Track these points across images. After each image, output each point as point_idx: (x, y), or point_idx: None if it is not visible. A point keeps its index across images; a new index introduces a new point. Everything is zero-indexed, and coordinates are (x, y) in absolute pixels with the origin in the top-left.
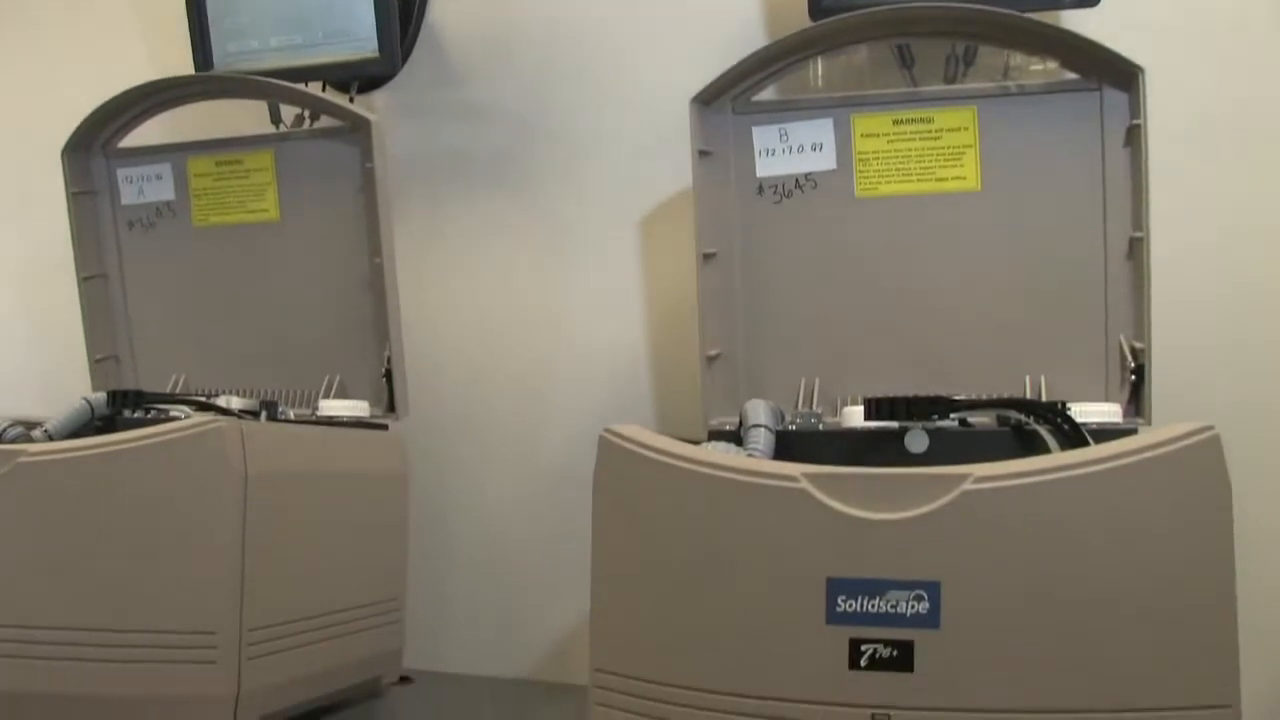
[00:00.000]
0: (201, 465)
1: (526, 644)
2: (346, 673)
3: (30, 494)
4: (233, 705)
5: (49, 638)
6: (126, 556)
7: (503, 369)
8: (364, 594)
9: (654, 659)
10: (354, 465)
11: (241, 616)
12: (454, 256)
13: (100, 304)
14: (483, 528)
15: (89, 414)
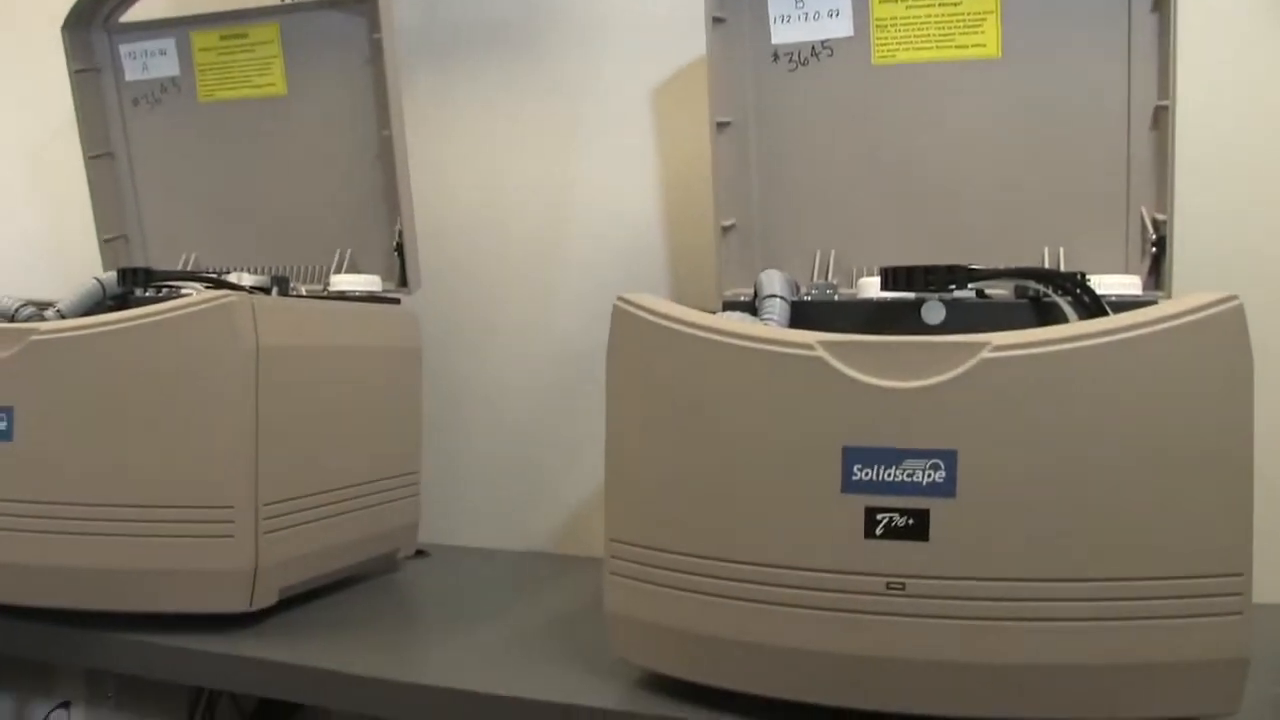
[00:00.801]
0: (213, 340)
1: (541, 517)
2: (363, 546)
3: (43, 372)
4: (250, 579)
5: (67, 513)
6: (141, 432)
7: (514, 241)
8: (379, 468)
9: (668, 529)
10: (367, 340)
11: (257, 491)
12: (464, 128)
13: (108, 183)
14: (496, 401)
15: (100, 293)
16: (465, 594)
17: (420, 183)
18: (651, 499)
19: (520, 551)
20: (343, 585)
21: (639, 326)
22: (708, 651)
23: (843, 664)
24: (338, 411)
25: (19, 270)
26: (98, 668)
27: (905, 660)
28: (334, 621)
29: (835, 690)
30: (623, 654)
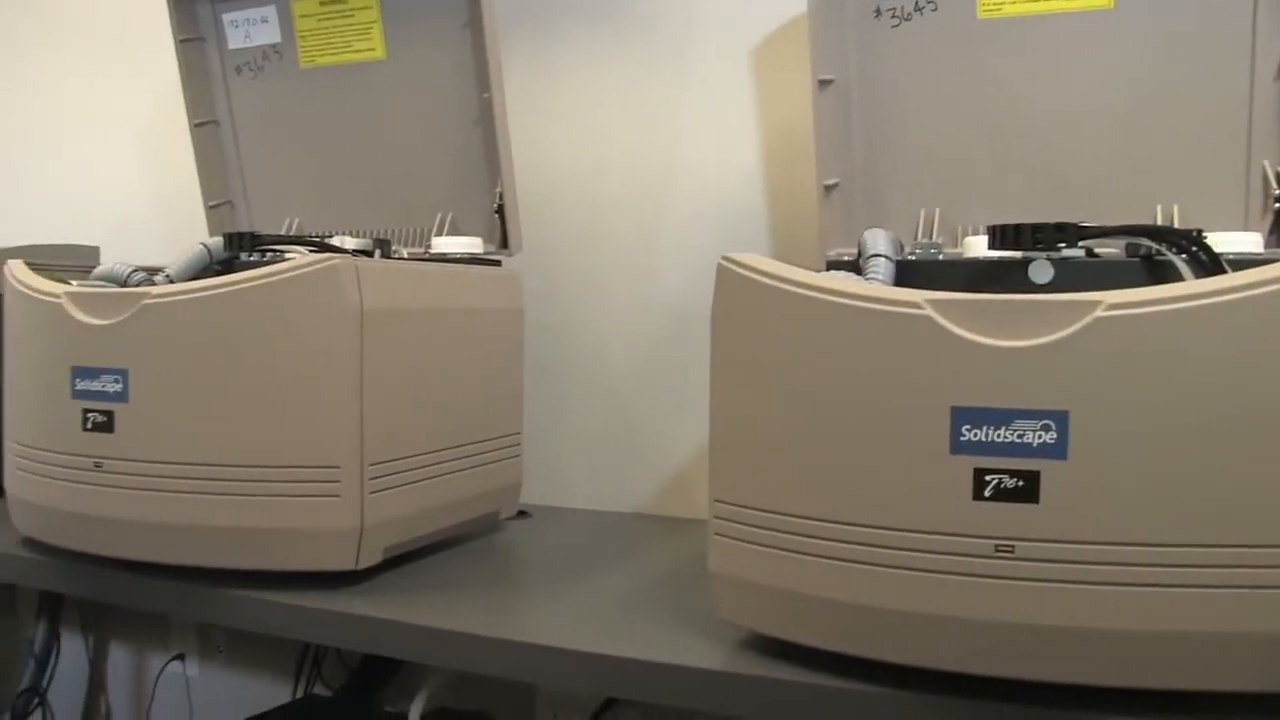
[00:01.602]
0: (318, 302)
1: (643, 478)
2: (466, 507)
3: (156, 335)
4: (356, 538)
5: (179, 472)
6: (249, 394)
7: (615, 202)
8: (482, 429)
9: (774, 490)
10: (469, 301)
11: (363, 451)
12: (563, 89)
13: (213, 150)
14: (597, 361)
15: (207, 258)
16: (566, 554)
17: (520, 145)
18: (757, 459)
19: (621, 512)
20: (446, 545)
21: (744, 286)
22: (812, 613)
23: (949, 627)
24: (441, 373)
25: (128, 237)
26: (210, 622)
27: (1013, 624)
28: (437, 581)
29: (940, 654)
30: (726, 615)
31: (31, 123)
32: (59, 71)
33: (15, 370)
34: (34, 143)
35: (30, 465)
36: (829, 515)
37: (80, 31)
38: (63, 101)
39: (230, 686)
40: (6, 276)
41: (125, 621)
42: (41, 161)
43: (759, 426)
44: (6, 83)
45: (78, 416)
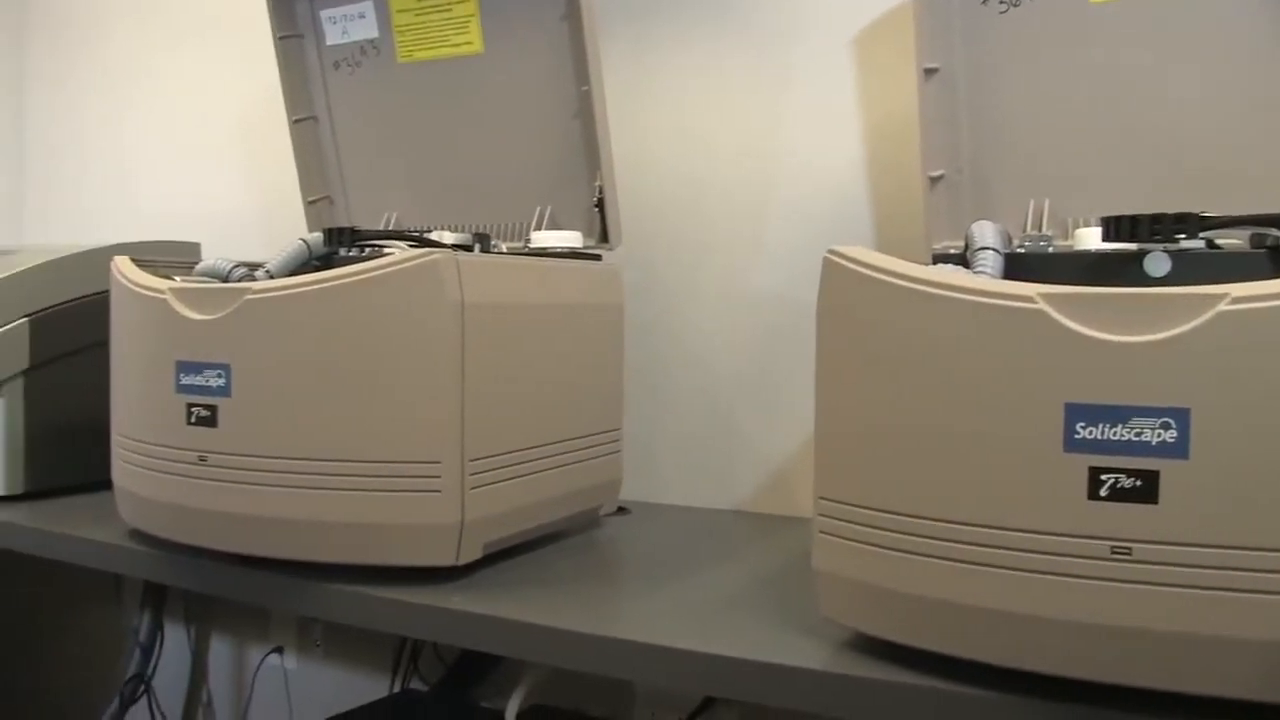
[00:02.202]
0: (419, 297)
1: (741, 475)
2: (566, 503)
3: (258, 330)
4: (457, 533)
5: (281, 466)
6: (350, 388)
7: (714, 194)
8: (582, 424)
9: (881, 487)
10: (569, 296)
11: (463, 446)
12: (662, 81)
13: (311, 146)
14: (697, 356)
15: (306, 254)
16: (666, 551)
17: (619, 138)
18: (863, 456)
19: (719, 510)
20: (545, 541)
21: (851, 279)
22: (919, 613)
23: (1061, 631)
24: (541, 368)
25: (228, 233)
26: (310, 616)
27: (1129, 629)
28: (536, 577)
29: (1052, 658)
30: (830, 614)
31: (134, 122)
32: (160, 71)
33: (122, 364)
34: (136, 142)
35: (136, 458)
36: (938, 514)
37: (180, 30)
38: (164, 101)
39: (327, 680)
40: (113, 273)
41: (226, 613)
42: (144, 160)
43: (866, 423)
44: (109, 82)
45: (182, 411)
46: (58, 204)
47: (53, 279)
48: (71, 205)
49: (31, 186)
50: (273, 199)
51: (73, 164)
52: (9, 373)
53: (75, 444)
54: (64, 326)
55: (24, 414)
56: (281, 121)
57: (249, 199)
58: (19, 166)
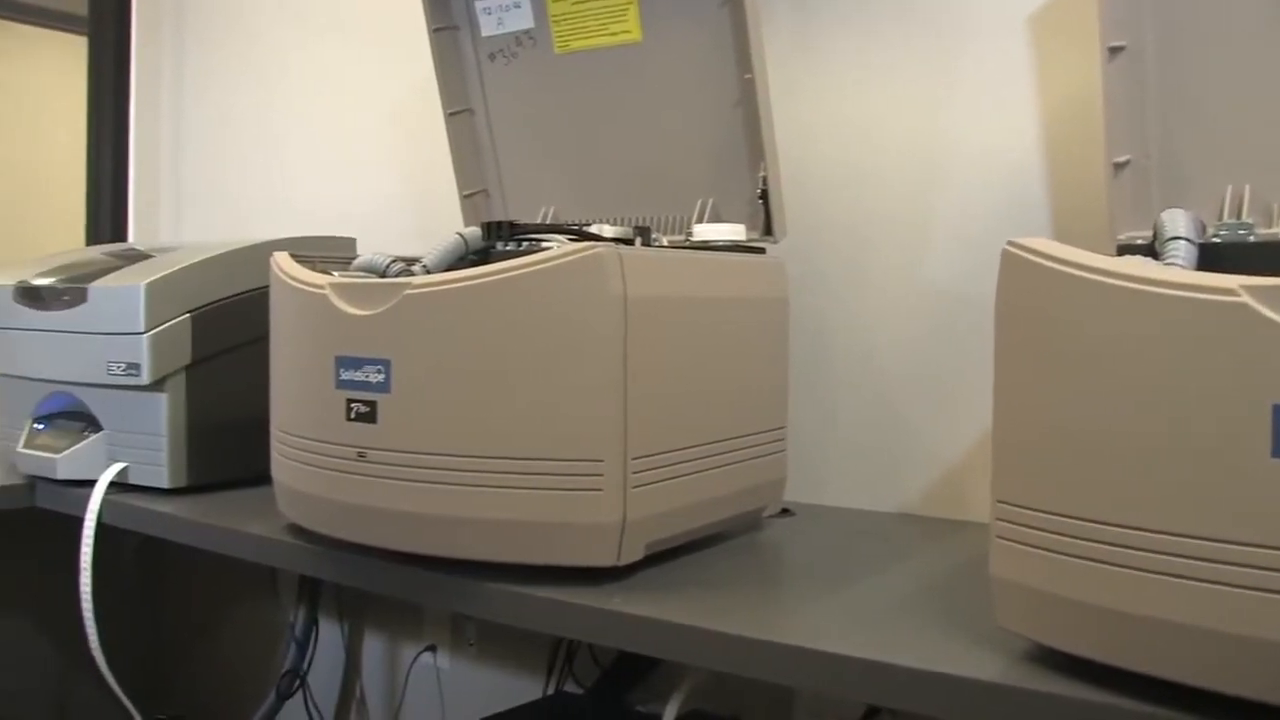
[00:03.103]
0: (582, 291)
1: (910, 476)
2: (729, 503)
3: (417, 325)
4: (618, 533)
5: (440, 463)
6: (511, 385)
7: (883, 184)
8: (747, 422)
9: (1065, 491)
10: (733, 290)
11: (626, 444)
12: (826, 67)
13: (467, 139)
14: (865, 352)
15: (463, 248)
16: (830, 554)
17: (782, 127)
18: (1046, 458)
19: (885, 512)
20: (707, 543)
21: (1033, 272)
22: (1105, 626)
23: (1260, 651)
24: (705, 364)
25: (382, 228)
26: (465, 615)
27: None
28: (698, 579)
29: (1248, 679)
30: (1008, 624)
31: (289, 118)
32: (314, 66)
33: (281, 360)
34: (290, 137)
35: (294, 453)
36: (1127, 521)
37: (333, 24)
38: (317, 96)
39: (480, 680)
40: (273, 269)
41: (380, 610)
42: (297, 156)
43: (1049, 423)
44: (262, 79)
45: (341, 406)
46: (213, 201)
47: (213, 275)
48: (226, 202)
49: (188, 184)
50: (426, 193)
51: (227, 161)
52: (171, 368)
53: (235, 439)
54: (224, 322)
55: (186, 409)
56: (436, 115)
57: (402, 193)
58: (176, 164)
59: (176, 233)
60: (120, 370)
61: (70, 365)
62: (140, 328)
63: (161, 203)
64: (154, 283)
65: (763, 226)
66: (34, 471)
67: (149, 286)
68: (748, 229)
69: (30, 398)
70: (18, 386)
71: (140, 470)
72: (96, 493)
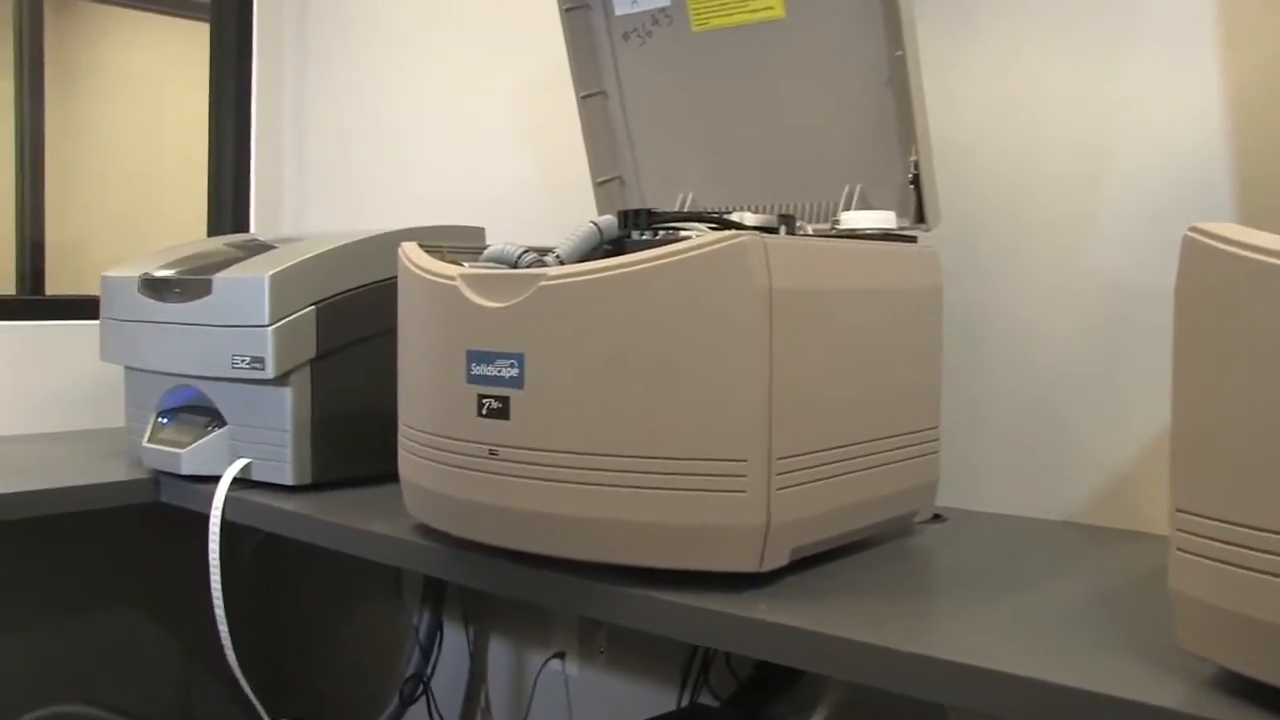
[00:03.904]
0: (725, 283)
1: (1074, 481)
2: (878, 507)
3: (552, 318)
4: (762, 538)
5: (574, 462)
6: (649, 380)
7: (1044, 166)
8: (898, 421)
9: (1258, 501)
10: (883, 281)
11: (771, 444)
12: (982, 38)
13: (601, 123)
14: (1023, 347)
15: (598, 237)
16: (987, 564)
17: (934, 106)
18: (1232, 464)
19: (1046, 520)
20: (855, 549)
21: (1218, 260)
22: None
23: None
24: (854, 359)
25: (510, 216)
26: (598, 620)
27: None
28: (846, 586)
29: None
30: (1191, 646)
31: (415, 103)
32: (440, 49)
33: (410, 354)
34: (417, 123)
35: (423, 450)
36: None
37: (461, 5)
38: (445, 80)
39: (611, 689)
40: (401, 259)
41: (506, 614)
42: (425, 142)
43: (1237, 426)
44: (387, 63)
45: (473, 402)
46: (337, 190)
47: (339, 266)
48: (350, 191)
49: (311, 172)
50: (557, 180)
51: (350, 149)
52: (297, 361)
53: (360, 435)
54: (350, 315)
55: (310, 404)
56: (567, 98)
57: (532, 181)
58: (299, 152)
59: (299, 223)
60: (244, 364)
61: (194, 358)
62: (264, 320)
63: (284, 192)
64: (278, 274)
65: (914, 213)
66: (158, 466)
67: (273, 278)
68: (898, 216)
69: (155, 391)
70: (142, 379)
71: (263, 466)
72: (221, 489)
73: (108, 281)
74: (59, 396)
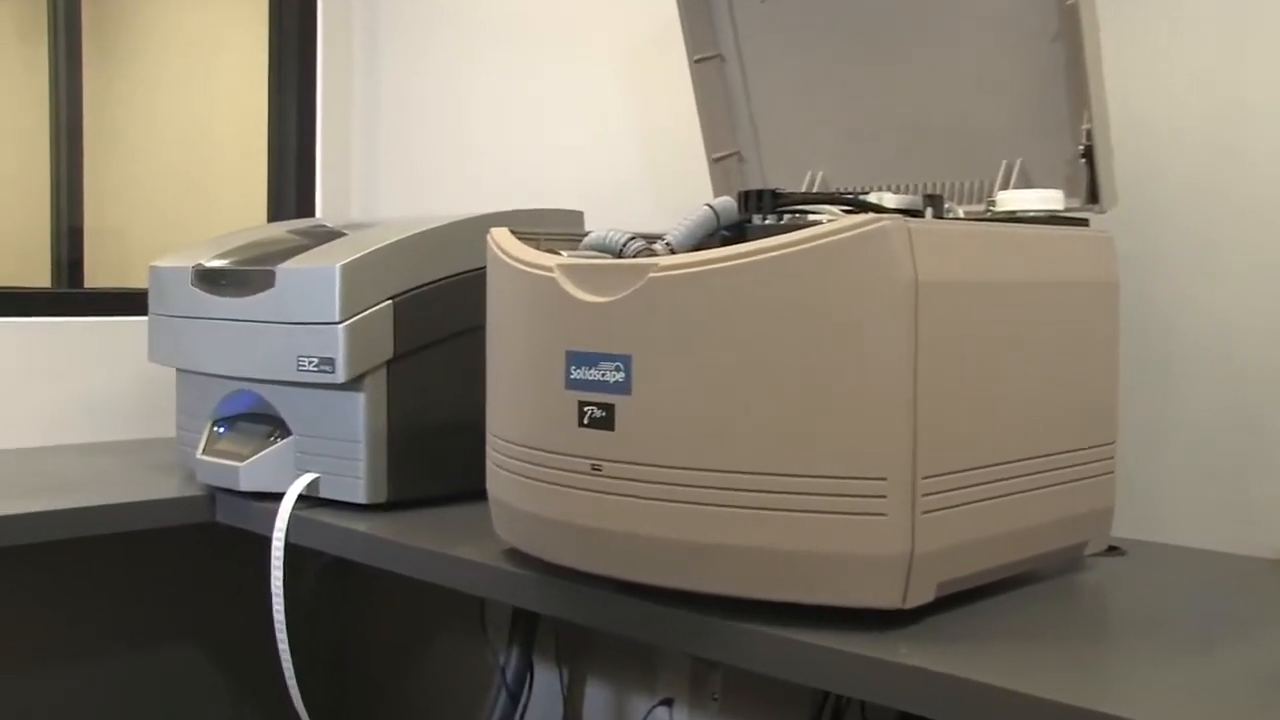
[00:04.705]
0: (862, 274)
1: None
2: (1042, 536)
3: (663, 315)
4: (905, 569)
5: (686, 479)
6: (774, 387)
7: (1247, 136)
8: (1065, 437)
9: None
10: (1048, 272)
11: (915, 460)
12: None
13: (717, 91)
14: (1219, 351)
15: (714, 222)
16: (1177, 606)
17: (1111, 65)
18: None
19: (1249, 557)
20: (1014, 584)
21: None
22: None
23: None
24: (1013, 363)
25: (615, 199)
26: (711, 661)
27: None
28: (1004, 628)
29: None
30: None
31: (499, 73)
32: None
33: (500, 355)
34: (503, 96)
35: (514, 465)
36: None
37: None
38: (535, 46)
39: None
40: (490, 247)
41: (607, 653)
42: (512, 116)
43: None
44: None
45: (573, 411)
46: (413, 170)
47: (418, 256)
48: (428, 171)
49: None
50: (665, 158)
51: (428, 123)
52: (371, 364)
53: (443, 447)
54: (432, 310)
55: (386, 412)
56: (676, 63)
57: (635, 158)
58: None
59: (370, 207)
60: (312, 366)
61: (255, 360)
62: (335, 317)
63: (352, 173)
64: (351, 264)
65: (1086, 193)
66: (214, 481)
67: (345, 269)
68: (1066, 195)
69: (210, 396)
70: (197, 383)
71: (333, 482)
72: (284, 508)
73: (157, 273)
74: (100, 402)
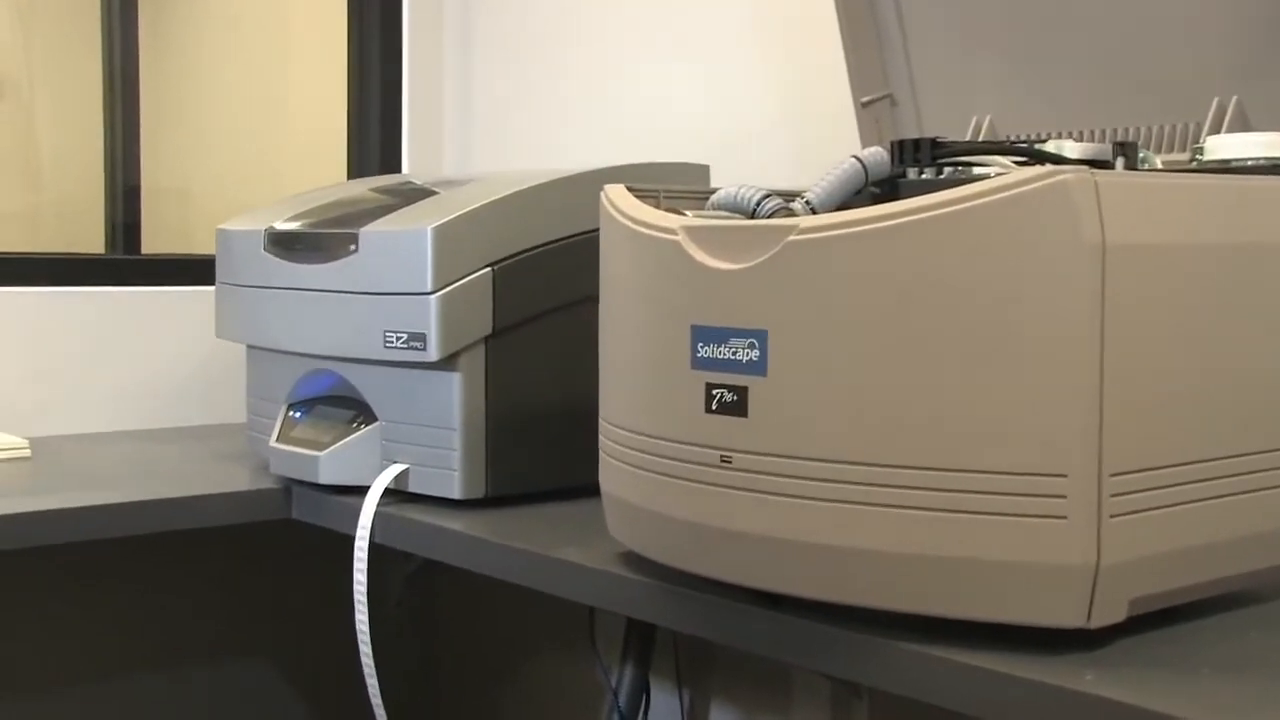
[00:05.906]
0: (1039, 236)
1: None
2: (1259, 548)
3: (804, 284)
4: (1089, 582)
5: (830, 473)
6: (933, 368)
7: None
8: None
9: None
10: (1270, 234)
11: (1102, 454)
12: None
13: (865, 25)
14: None
15: (862, 177)
16: None
17: None
18: None
19: None
20: (1220, 605)
21: None
22: None
23: None
24: (1224, 342)
25: (746, 152)
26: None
27: None
28: (1212, 658)
29: None
30: None
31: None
32: None
33: (614, 330)
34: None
35: (632, 456)
36: None
37: None
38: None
39: None
40: (604, 207)
41: (734, 673)
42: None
43: None
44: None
45: (700, 394)
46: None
47: (521, 217)
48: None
49: (479, 98)
50: (804, 104)
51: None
52: (468, 340)
53: (549, 435)
54: (536, 279)
55: (485, 395)
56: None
57: (771, 105)
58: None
59: (464, 163)
60: (400, 343)
61: (335, 335)
62: (427, 286)
63: (444, 125)
64: (444, 226)
65: None
66: (289, 473)
67: (438, 231)
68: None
69: (286, 377)
70: (270, 361)
71: (424, 475)
72: (368, 504)
73: (225, 236)
74: (159, 383)
